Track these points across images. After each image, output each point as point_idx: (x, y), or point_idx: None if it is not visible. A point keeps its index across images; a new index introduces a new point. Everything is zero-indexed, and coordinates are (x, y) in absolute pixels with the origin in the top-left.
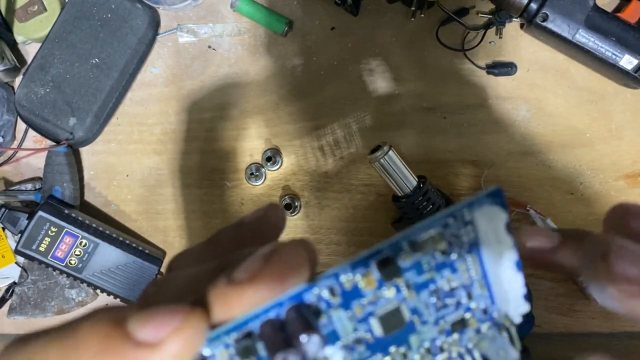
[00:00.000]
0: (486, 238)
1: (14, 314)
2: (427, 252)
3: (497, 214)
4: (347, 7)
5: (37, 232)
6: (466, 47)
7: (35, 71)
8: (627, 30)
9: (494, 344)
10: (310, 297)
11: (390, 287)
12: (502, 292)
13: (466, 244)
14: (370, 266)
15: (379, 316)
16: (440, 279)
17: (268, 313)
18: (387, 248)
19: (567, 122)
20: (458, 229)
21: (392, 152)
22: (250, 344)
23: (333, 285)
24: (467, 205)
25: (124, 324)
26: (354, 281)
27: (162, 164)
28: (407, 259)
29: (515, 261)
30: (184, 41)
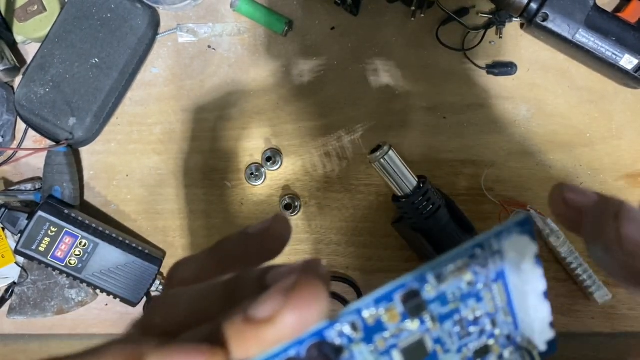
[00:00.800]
0: (513, 267)
1: (13, 314)
2: (453, 284)
3: (526, 244)
4: (347, 7)
5: (37, 232)
6: (466, 47)
7: (35, 71)
8: (627, 30)
9: None
10: (331, 334)
11: (414, 319)
12: (527, 319)
13: (492, 273)
14: (394, 300)
15: (401, 348)
16: (464, 309)
17: (287, 352)
18: (412, 281)
19: (567, 122)
20: (485, 259)
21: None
22: None
23: (355, 320)
24: (495, 235)
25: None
26: (376, 316)
27: (161, 163)
28: (432, 292)
29: (543, 291)
30: (184, 41)
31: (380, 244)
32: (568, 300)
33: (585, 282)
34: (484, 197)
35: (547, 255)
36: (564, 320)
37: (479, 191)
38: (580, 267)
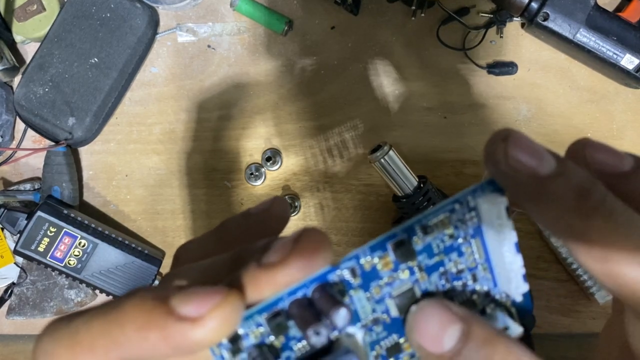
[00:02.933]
0: (488, 222)
1: (12, 315)
2: (437, 236)
3: (497, 198)
4: (347, 7)
5: (36, 233)
6: (467, 46)
7: (34, 71)
8: (628, 29)
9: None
10: (333, 278)
11: (404, 269)
12: (503, 273)
13: (470, 228)
14: (387, 249)
15: (394, 297)
16: (448, 262)
17: (296, 293)
18: (401, 231)
19: (568, 122)
20: (463, 214)
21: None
22: (282, 322)
23: (354, 266)
24: (470, 192)
25: (167, 301)
26: (372, 263)
27: (161, 163)
28: (419, 242)
29: (514, 242)
30: (184, 40)
31: None
32: (569, 301)
33: (586, 282)
34: None
35: (548, 255)
36: (565, 321)
37: None
38: (581, 268)
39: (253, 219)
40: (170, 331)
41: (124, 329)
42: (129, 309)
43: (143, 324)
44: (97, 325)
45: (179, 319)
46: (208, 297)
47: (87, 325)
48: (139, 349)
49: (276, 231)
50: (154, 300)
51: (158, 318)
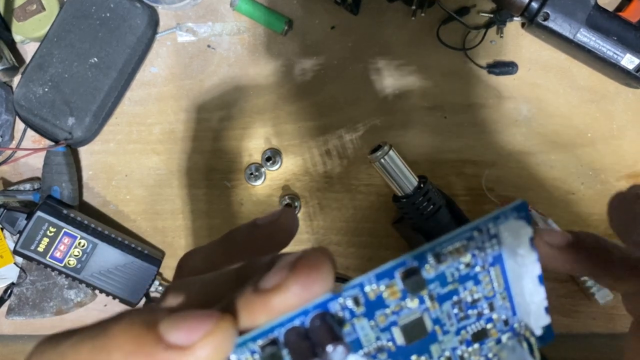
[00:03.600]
0: (510, 251)
1: (12, 315)
2: (451, 264)
3: (522, 228)
4: (347, 6)
5: (36, 233)
6: (467, 46)
7: (34, 71)
8: (629, 29)
9: (514, 354)
10: (334, 307)
11: (413, 298)
12: (523, 304)
13: (490, 257)
14: (395, 277)
15: (401, 326)
16: (463, 291)
17: (293, 321)
18: (412, 259)
19: (568, 122)
20: (483, 242)
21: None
22: (276, 351)
23: (357, 295)
24: (492, 219)
25: (156, 327)
26: (378, 292)
27: (161, 163)
28: (431, 271)
29: (538, 275)
30: (183, 40)
31: (381, 244)
32: (569, 301)
33: (586, 282)
34: (485, 197)
35: None
36: (565, 321)
37: (480, 191)
38: None
39: (260, 230)
40: (157, 359)
41: (111, 355)
42: (117, 334)
43: (131, 351)
44: (85, 350)
45: (168, 347)
46: (199, 323)
47: (74, 349)
48: None
49: (283, 243)
50: (143, 326)
51: (146, 345)
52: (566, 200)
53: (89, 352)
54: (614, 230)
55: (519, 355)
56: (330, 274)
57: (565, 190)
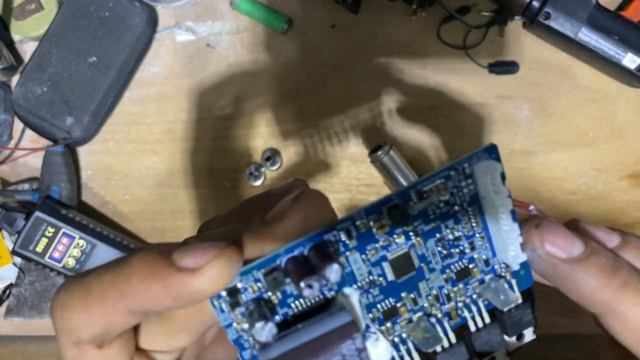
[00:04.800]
0: (485, 189)
1: (11, 315)
2: (433, 202)
3: (493, 165)
4: (348, 5)
5: (35, 233)
6: (468, 45)
7: (33, 70)
8: (630, 28)
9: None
10: (329, 238)
11: (400, 233)
12: (501, 242)
13: (467, 196)
14: (383, 212)
15: (390, 260)
16: (445, 228)
17: (293, 251)
18: (397, 196)
19: (569, 122)
20: (459, 181)
21: (393, 151)
22: (278, 276)
23: (350, 227)
24: (467, 159)
25: (169, 254)
26: (367, 225)
27: (160, 163)
28: (414, 208)
29: (510, 210)
30: (183, 39)
31: None
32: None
33: None
34: None
35: None
36: (566, 322)
37: None
38: None
39: (274, 197)
40: (170, 281)
41: (130, 280)
42: (135, 262)
43: (147, 275)
44: (107, 278)
45: (179, 269)
46: (206, 250)
47: (98, 278)
48: (143, 299)
49: None
50: (158, 254)
51: (160, 269)
52: (567, 200)
53: (110, 279)
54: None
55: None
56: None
57: (566, 190)
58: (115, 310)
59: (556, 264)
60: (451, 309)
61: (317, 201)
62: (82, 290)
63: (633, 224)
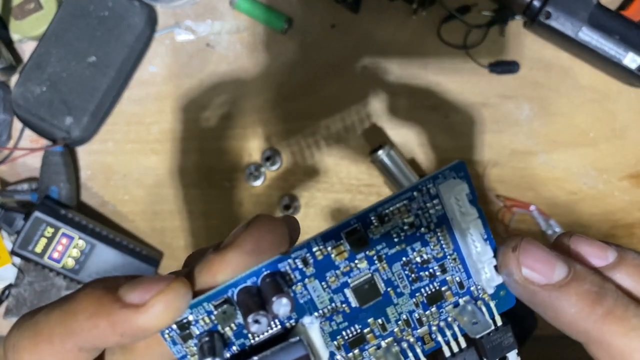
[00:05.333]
0: (452, 211)
1: (10, 316)
2: (396, 224)
3: (459, 186)
4: (348, 5)
5: (34, 233)
6: (468, 45)
7: (32, 70)
8: (631, 28)
9: (474, 317)
10: (284, 267)
11: (362, 259)
12: (474, 264)
13: (434, 217)
14: (341, 238)
15: (352, 287)
16: (411, 252)
17: (246, 281)
18: (355, 220)
19: (570, 122)
20: (424, 202)
21: (393, 151)
22: (227, 309)
23: (306, 255)
24: (430, 178)
25: (115, 290)
26: (325, 252)
27: (159, 163)
28: (376, 231)
29: (481, 233)
30: (182, 39)
31: None
32: None
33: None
34: (487, 197)
35: None
36: None
37: (482, 191)
38: None
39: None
40: (116, 317)
41: (77, 317)
42: (81, 299)
43: (92, 312)
44: (54, 316)
45: (124, 305)
46: (152, 285)
47: (46, 317)
48: (91, 337)
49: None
50: (103, 290)
51: (106, 305)
52: (568, 200)
53: (57, 317)
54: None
55: (479, 318)
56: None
57: (567, 190)
58: (65, 348)
59: (534, 290)
60: (424, 333)
61: (270, 226)
62: (32, 329)
63: (634, 224)
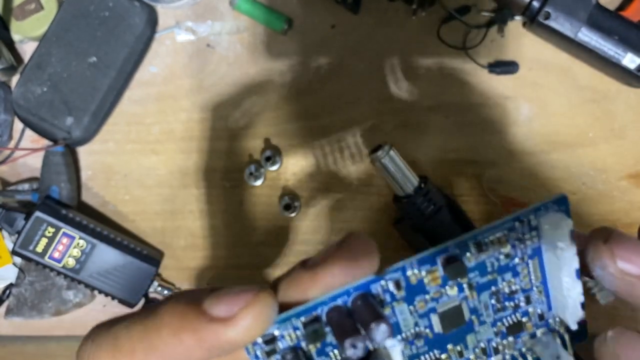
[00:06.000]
0: (550, 244)
1: (10, 315)
2: (492, 254)
3: (562, 220)
4: (348, 5)
5: (34, 233)
6: (468, 45)
7: (32, 70)
8: (630, 28)
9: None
10: (376, 289)
11: (453, 285)
12: (560, 298)
13: (529, 249)
14: (437, 263)
15: (439, 313)
16: (501, 282)
17: (336, 300)
18: (454, 247)
19: (569, 122)
20: (523, 233)
21: (393, 151)
22: (319, 328)
23: (399, 278)
24: (533, 210)
25: (199, 303)
26: (419, 276)
27: (160, 164)
28: (472, 260)
29: (575, 269)
30: (183, 39)
31: (381, 244)
32: None
33: (587, 282)
34: (486, 198)
35: None
36: None
37: (481, 191)
38: None
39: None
40: (203, 333)
41: (161, 333)
42: (164, 314)
43: (177, 328)
44: (136, 331)
45: (211, 320)
46: (239, 297)
47: (127, 331)
48: (175, 353)
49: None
50: (187, 304)
51: (191, 321)
52: None
53: (140, 332)
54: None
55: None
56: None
57: (566, 190)
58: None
59: (632, 281)
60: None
61: (365, 246)
62: (111, 343)
63: (633, 224)
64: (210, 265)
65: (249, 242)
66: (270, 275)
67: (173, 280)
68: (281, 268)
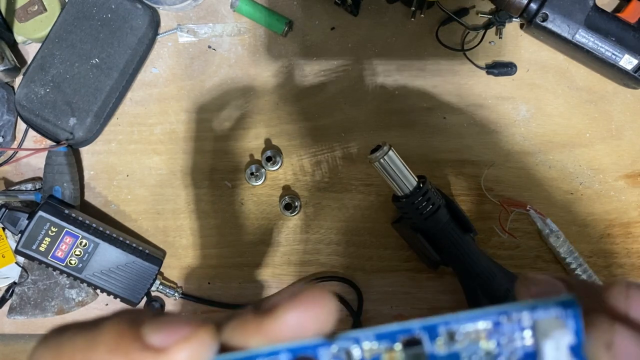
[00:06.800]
0: (547, 353)
1: (14, 314)
2: (468, 347)
3: (562, 330)
4: (347, 7)
5: (37, 232)
6: (466, 47)
7: (35, 71)
8: (627, 30)
9: None
10: (324, 354)
11: None
12: None
13: (520, 351)
14: (397, 341)
15: None
16: None
17: (277, 355)
18: (421, 329)
19: (566, 122)
20: (512, 332)
21: (392, 152)
22: None
23: (352, 348)
24: (529, 307)
25: (139, 326)
26: (376, 352)
27: (162, 164)
28: (441, 348)
29: None
30: (184, 41)
31: (380, 244)
32: None
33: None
34: (484, 197)
35: (547, 255)
36: None
37: (479, 191)
38: (580, 267)
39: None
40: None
41: (98, 348)
42: (105, 330)
43: (113, 347)
44: (79, 341)
45: (145, 347)
46: (178, 329)
47: (71, 340)
48: None
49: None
50: (128, 324)
51: (126, 344)
52: (565, 200)
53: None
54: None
55: None
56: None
57: (563, 190)
58: None
59: None
60: None
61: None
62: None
63: (629, 223)
64: (212, 264)
65: (249, 241)
66: (270, 274)
67: (175, 279)
68: (281, 267)
